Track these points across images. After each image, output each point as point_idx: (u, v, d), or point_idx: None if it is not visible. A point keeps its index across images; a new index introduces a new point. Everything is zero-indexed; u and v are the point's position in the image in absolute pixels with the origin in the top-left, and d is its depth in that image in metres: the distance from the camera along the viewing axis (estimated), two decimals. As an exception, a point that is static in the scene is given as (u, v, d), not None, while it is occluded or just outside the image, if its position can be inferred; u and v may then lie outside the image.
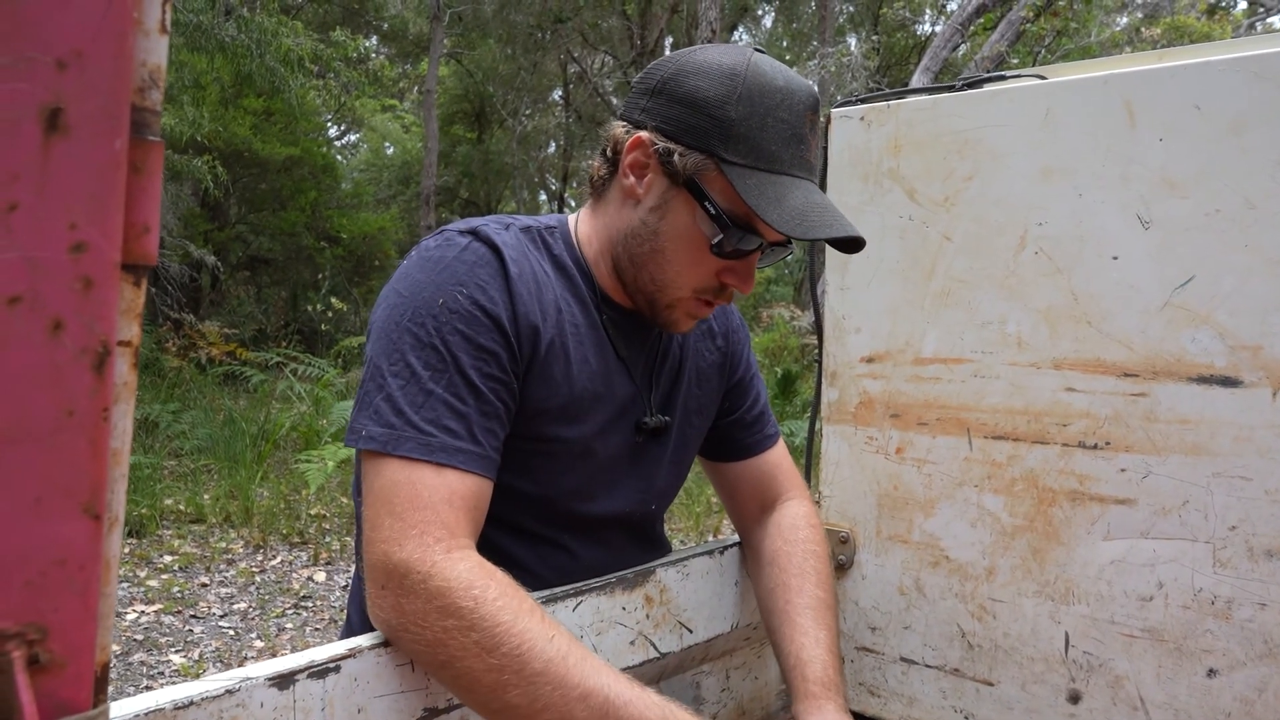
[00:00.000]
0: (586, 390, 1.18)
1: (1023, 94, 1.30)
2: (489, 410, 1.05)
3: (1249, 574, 1.16)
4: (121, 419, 0.44)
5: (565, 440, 1.17)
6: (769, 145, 1.09)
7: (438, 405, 1.02)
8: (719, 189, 1.10)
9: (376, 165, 22.29)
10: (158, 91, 0.44)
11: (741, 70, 1.10)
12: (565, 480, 1.19)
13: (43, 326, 0.40)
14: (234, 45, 10.12)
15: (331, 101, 16.26)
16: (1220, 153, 1.15)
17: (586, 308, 1.21)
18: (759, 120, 1.08)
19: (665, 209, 1.14)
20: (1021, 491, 1.32)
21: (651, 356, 1.28)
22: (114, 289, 0.42)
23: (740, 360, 1.43)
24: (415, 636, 0.92)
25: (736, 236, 1.11)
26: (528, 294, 1.12)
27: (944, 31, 9.31)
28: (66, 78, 0.40)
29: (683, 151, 1.10)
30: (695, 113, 1.10)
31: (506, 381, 1.08)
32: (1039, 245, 1.29)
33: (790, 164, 1.10)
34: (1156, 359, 1.21)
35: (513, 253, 1.13)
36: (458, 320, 1.06)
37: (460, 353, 1.04)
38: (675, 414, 1.31)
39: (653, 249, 1.16)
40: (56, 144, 0.40)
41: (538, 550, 1.21)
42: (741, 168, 1.08)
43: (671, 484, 1.35)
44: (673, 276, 1.17)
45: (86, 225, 0.41)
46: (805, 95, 1.12)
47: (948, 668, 1.40)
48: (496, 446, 1.06)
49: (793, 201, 1.07)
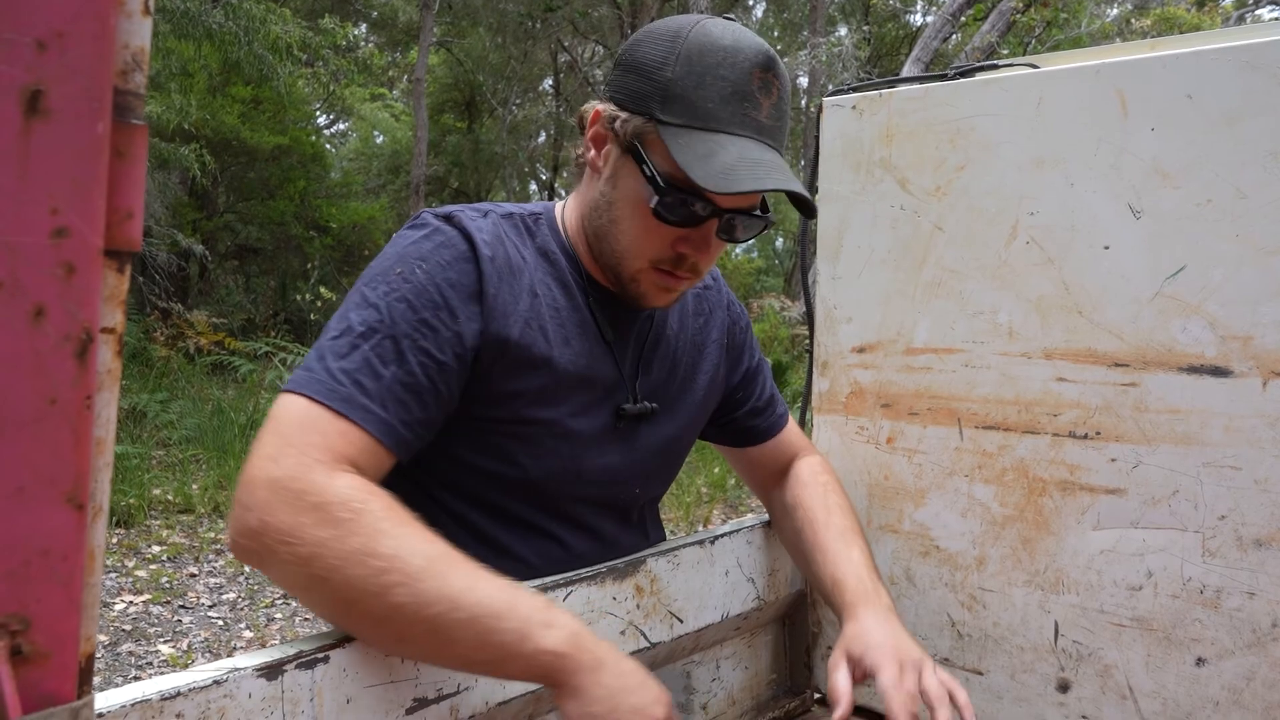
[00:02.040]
0: (568, 372, 1.17)
1: (1015, 83, 1.30)
2: (410, 384, 1.03)
3: (1238, 563, 1.16)
4: (105, 407, 0.43)
5: (544, 422, 1.16)
6: (706, 104, 1.06)
7: (358, 360, 1.01)
8: (659, 151, 1.09)
9: (366, 154, 22.18)
10: (141, 74, 0.44)
11: (686, 32, 1.09)
12: (548, 463, 1.18)
13: (24, 313, 0.39)
14: (221, 32, 10.05)
15: (320, 90, 16.17)
16: (1212, 143, 1.15)
17: (570, 291, 1.20)
18: (696, 79, 1.07)
19: (617, 178, 1.14)
20: (1012, 481, 1.33)
21: (642, 340, 1.28)
22: (96, 275, 0.41)
23: (746, 349, 1.43)
24: (287, 552, 0.87)
25: (673, 198, 1.08)
26: (499, 279, 1.11)
27: (935, 22, 9.30)
28: (47, 59, 0.39)
29: (626, 118, 1.10)
30: (639, 78, 1.10)
31: (442, 363, 1.05)
32: (1030, 235, 1.29)
33: (729, 122, 1.07)
34: (1147, 349, 1.21)
35: (486, 237, 1.12)
36: (408, 290, 1.05)
37: (400, 319, 1.04)
38: (669, 400, 1.31)
39: (610, 219, 1.16)
40: (37, 127, 0.39)
41: (529, 540, 1.21)
42: (676, 127, 1.07)
43: (662, 471, 1.35)
44: (628, 246, 1.15)
45: (68, 210, 0.40)
46: (753, 53, 1.08)
47: (938, 657, 1.40)
48: (406, 420, 1.02)
49: (724, 158, 1.04)
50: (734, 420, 1.42)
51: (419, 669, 0.98)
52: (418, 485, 1.20)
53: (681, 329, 1.33)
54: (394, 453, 1.02)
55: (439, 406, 1.07)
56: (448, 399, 1.08)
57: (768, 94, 1.10)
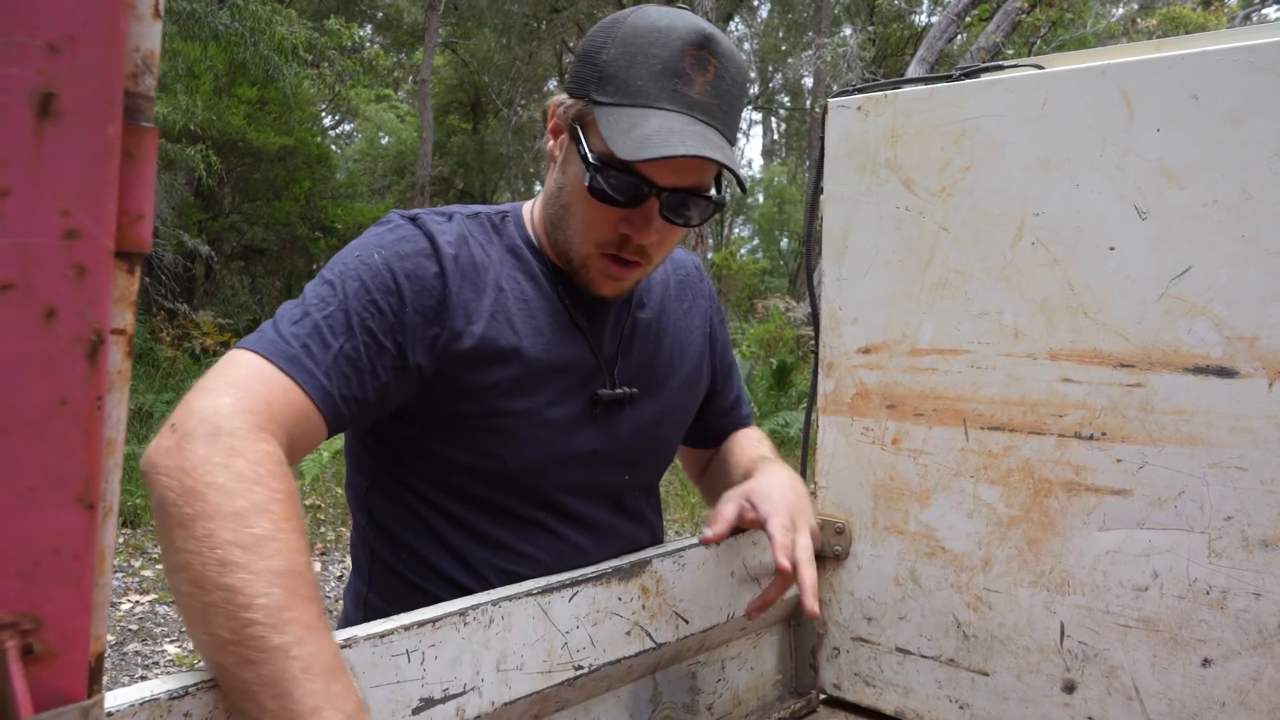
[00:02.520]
0: (540, 361, 1.17)
1: (1020, 84, 1.30)
2: (354, 358, 1.04)
3: (1244, 564, 1.16)
4: (115, 408, 0.44)
5: (519, 413, 1.16)
6: (636, 81, 1.08)
7: (309, 326, 1.03)
8: (594, 132, 1.10)
9: (371, 155, 22.21)
10: (151, 77, 0.44)
11: (625, 16, 1.11)
12: (528, 454, 1.18)
13: (36, 314, 0.40)
14: (228, 34, 10.07)
15: (326, 91, 16.19)
16: (1217, 143, 1.15)
17: (539, 283, 1.21)
18: (629, 59, 1.08)
19: (566, 164, 1.16)
20: (1017, 482, 1.32)
21: (619, 327, 1.28)
22: (107, 276, 0.42)
23: (723, 344, 1.46)
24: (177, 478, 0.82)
25: (605, 175, 1.09)
26: (461, 276, 1.13)
27: (940, 22, 9.30)
28: (58, 62, 0.39)
29: (570, 103, 1.13)
30: (582, 64, 1.13)
31: (383, 346, 1.07)
32: (1036, 236, 1.29)
33: (658, 97, 1.08)
34: (1153, 349, 1.21)
35: (449, 237, 1.14)
36: (364, 271, 1.08)
37: (352, 296, 1.06)
38: (652, 384, 1.31)
39: (560, 205, 1.17)
40: (49, 129, 0.39)
41: (521, 532, 1.21)
42: (608, 106, 1.09)
43: (650, 456, 1.34)
44: (575, 231, 1.16)
45: (79, 212, 0.40)
46: (687, 32, 1.09)
47: (943, 658, 1.40)
48: (345, 395, 1.03)
49: (644, 128, 1.05)
50: (703, 416, 1.45)
51: (425, 669, 0.98)
52: (410, 488, 1.21)
53: (664, 311, 1.34)
54: (328, 422, 1.02)
55: (375, 391, 1.07)
56: (385, 384, 1.08)
57: (702, 71, 1.10)
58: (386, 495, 1.25)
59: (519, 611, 1.08)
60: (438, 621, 0.99)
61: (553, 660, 1.12)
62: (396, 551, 1.24)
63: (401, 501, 1.23)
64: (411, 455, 1.19)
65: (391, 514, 1.24)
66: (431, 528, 1.21)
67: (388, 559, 1.25)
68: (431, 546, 1.21)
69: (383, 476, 1.25)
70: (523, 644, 1.08)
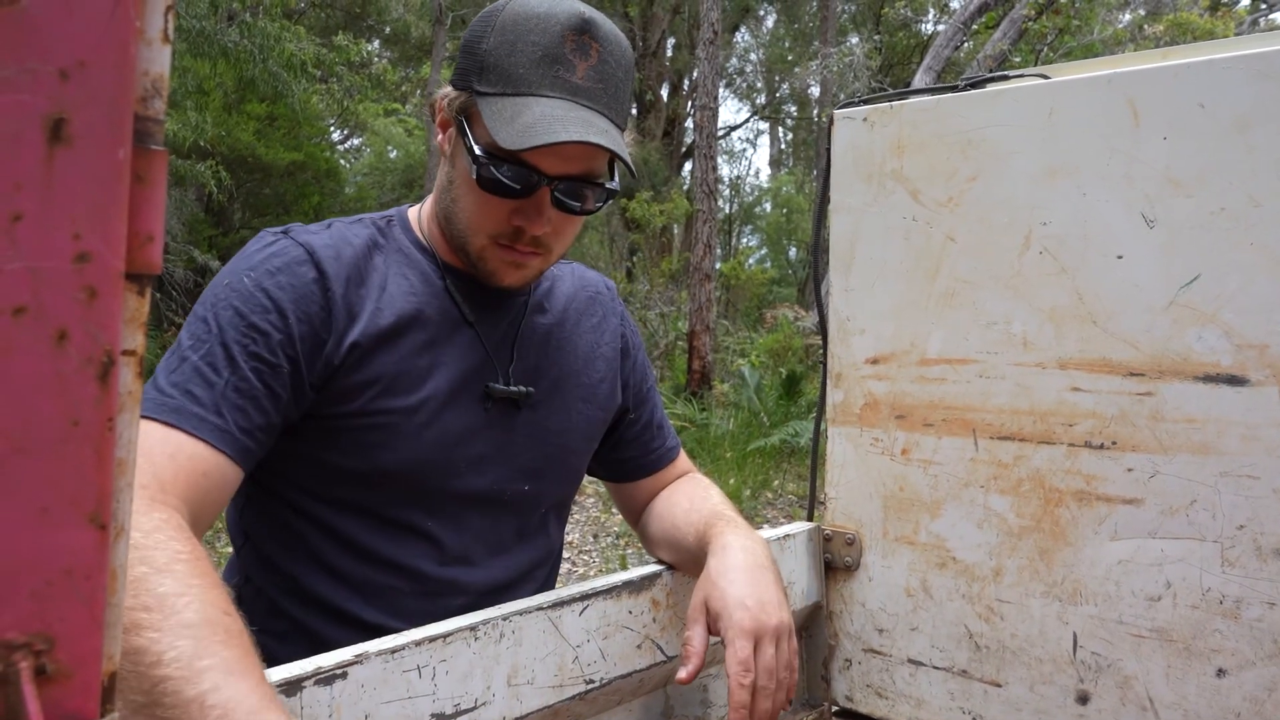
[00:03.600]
0: (422, 358, 1.14)
1: (1026, 93, 1.30)
2: (244, 388, 1.01)
3: (1257, 573, 1.15)
4: (126, 428, 0.44)
5: (400, 410, 1.12)
6: (517, 69, 1.07)
7: (188, 371, 0.99)
8: (478, 123, 1.09)
9: (380, 169, 22.29)
10: (161, 100, 0.44)
11: (505, 4, 1.10)
12: (410, 453, 1.14)
13: (47, 337, 0.40)
14: (237, 50, 10.14)
15: (334, 106, 16.27)
16: (1225, 151, 1.15)
17: (427, 279, 1.18)
18: (508, 47, 1.07)
19: (454, 156, 1.15)
20: (1028, 492, 1.32)
21: (513, 327, 1.24)
22: (118, 298, 0.42)
23: (637, 368, 1.41)
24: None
25: (492, 166, 1.08)
26: (344, 280, 1.10)
27: (946, 31, 9.30)
28: (69, 88, 0.40)
29: (453, 95, 1.12)
30: (464, 55, 1.12)
31: (275, 365, 1.04)
32: (1043, 245, 1.29)
33: (540, 85, 1.07)
34: (1162, 358, 1.20)
35: (324, 241, 1.12)
36: (235, 298, 1.05)
37: (228, 327, 1.03)
38: (550, 390, 1.26)
39: (451, 199, 1.16)
40: (60, 154, 0.40)
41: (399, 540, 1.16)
42: (490, 96, 1.08)
43: (554, 468, 1.28)
44: (468, 223, 1.14)
45: (90, 235, 0.41)
46: (566, 17, 1.08)
47: (955, 669, 1.40)
48: (246, 427, 1.00)
49: (526, 117, 1.04)
50: (621, 442, 1.40)
51: (436, 684, 0.98)
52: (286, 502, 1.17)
53: (566, 322, 1.31)
54: (237, 461, 1.00)
55: (277, 411, 1.05)
56: (286, 403, 1.06)
57: (584, 56, 1.09)
58: (261, 514, 1.20)
59: (530, 625, 1.08)
60: (449, 637, 1.00)
61: (564, 674, 1.12)
62: (268, 574, 1.19)
63: (276, 519, 1.18)
64: (287, 464, 1.14)
65: (266, 534, 1.20)
66: (306, 543, 1.16)
67: (259, 582, 1.20)
68: (304, 566, 1.16)
69: (257, 494, 1.20)
70: (534, 658, 1.08)
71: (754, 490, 7.16)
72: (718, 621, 1.10)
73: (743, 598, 1.10)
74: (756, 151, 57.80)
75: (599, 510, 6.66)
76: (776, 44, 23.91)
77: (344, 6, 18.07)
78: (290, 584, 1.17)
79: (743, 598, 1.10)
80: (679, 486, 1.41)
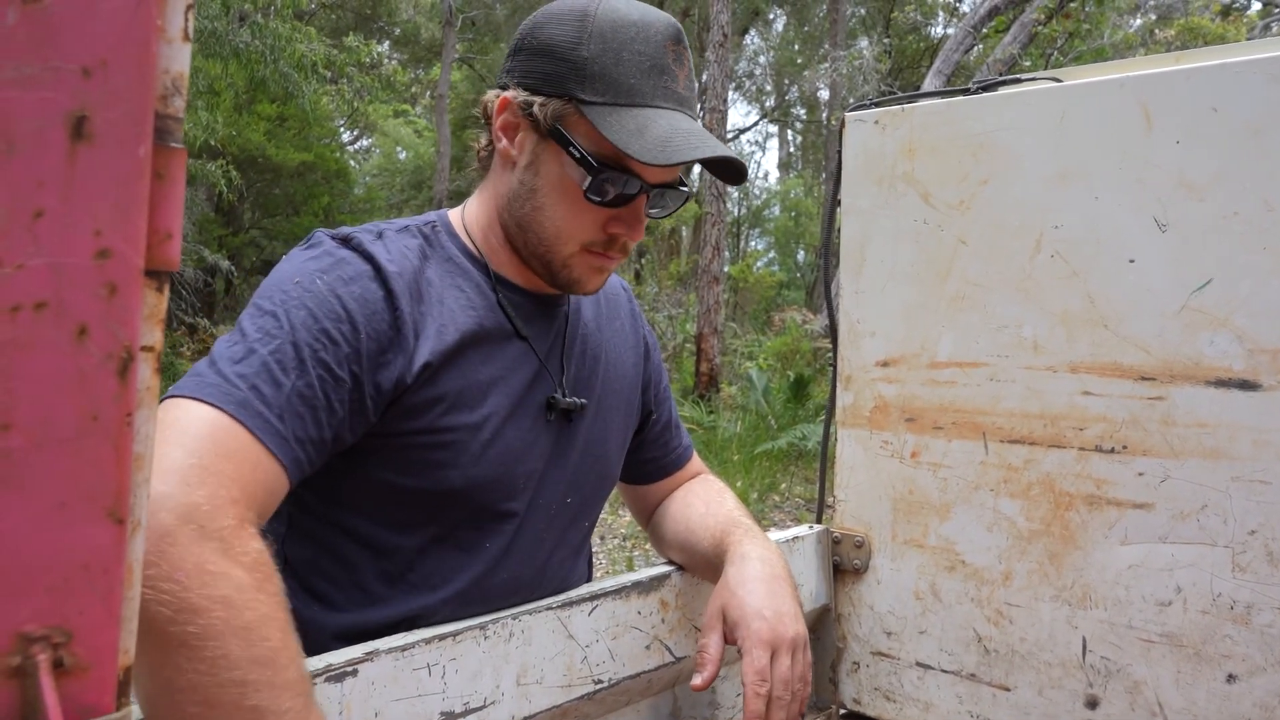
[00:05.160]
0: (482, 372, 1.11)
1: (1038, 97, 1.30)
2: (308, 395, 0.95)
3: (1269, 579, 1.15)
4: (144, 424, 0.44)
5: (465, 427, 1.09)
6: (627, 79, 1.06)
7: (256, 364, 0.92)
8: (583, 132, 1.07)
9: (389, 170, 22.37)
10: (180, 99, 0.45)
11: (593, 10, 1.08)
12: (477, 469, 1.10)
13: (68, 332, 0.40)
14: (248, 51, 10.18)
15: (344, 107, 16.32)
16: (1237, 155, 1.14)
17: (482, 291, 1.15)
18: (614, 56, 1.06)
19: (538, 164, 1.11)
20: (1038, 495, 1.32)
21: (559, 338, 1.23)
22: (137, 295, 0.42)
23: (656, 366, 1.41)
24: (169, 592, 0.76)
25: (606, 177, 1.07)
26: (409, 295, 1.06)
27: (956, 34, 9.29)
28: (91, 86, 0.40)
29: (543, 101, 1.08)
30: (551, 60, 1.08)
31: (339, 378, 0.98)
32: (1055, 248, 1.29)
33: (652, 96, 1.06)
34: (1174, 362, 1.20)
35: (388, 256, 1.07)
36: (309, 299, 0.99)
37: (300, 327, 0.96)
38: (595, 397, 1.25)
39: (534, 207, 1.12)
40: (82, 151, 0.40)
41: (453, 560, 1.12)
42: (600, 106, 1.05)
43: (591, 478, 1.26)
44: (556, 232, 1.11)
45: (111, 232, 0.41)
46: (663, 27, 1.08)
47: (964, 673, 1.40)
48: (301, 438, 0.94)
49: (656, 131, 1.03)
50: (645, 446, 1.39)
51: (445, 683, 0.98)
52: (327, 520, 1.12)
53: (599, 328, 1.30)
54: (289, 473, 0.93)
55: (331, 426, 0.98)
56: (341, 420, 0.99)
57: (681, 65, 1.10)
58: (304, 539, 1.14)
59: (539, 625, 1.09)
60: (458, 635, 1.00)
61: (572, 674, 1.12)
62: (307, 603, 1.12)
63: (322, 544, 1.13)
64: (344, 486, 1.09)
65: (308, 562, 1.13)
66: (353, 573, 1.11)
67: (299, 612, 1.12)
68: (351, 593, 1.11)
69: (301, 518, 1.14)
70: (543, 658, 1.09)
71: (761, 493, 7.15)
72: (735, 631, 1.11)
73: (760, 609, 1.11)
74: (765, 154, 57.71)
75: (606, 512, 6.67)
76: (786, 47, 23.90)
77: (354, 8, 18.13)
78: (332, 610, 1.12)
79: (760, 609, 1.11)
80: (692, 488, 1.40)
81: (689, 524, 1.31)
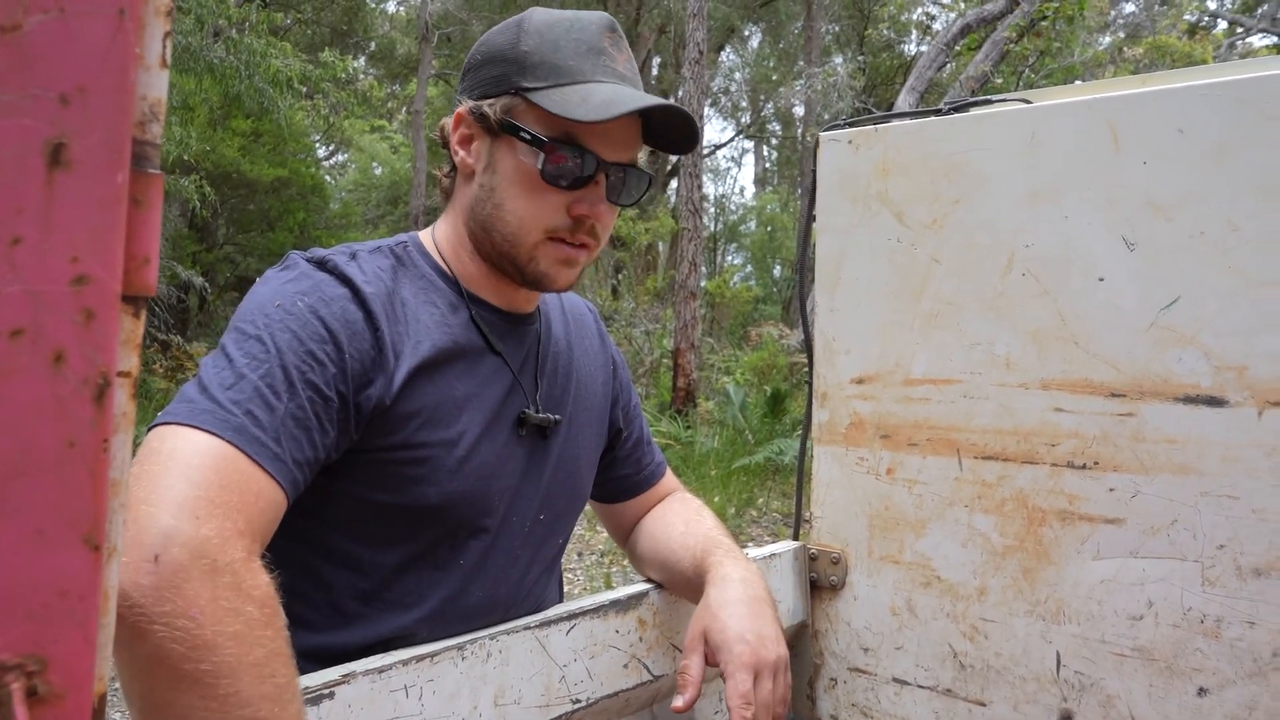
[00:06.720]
0: (457, 388, 1.12)
1: (1008, 118, 1.32)
2: (300, 417, 0.95)
3: (1238, 592, 1.16)
4: (121, 449, 0.44)
5: (440, 443, 1.09)
6: (566, 62, 1.10)
7: (248, 389, 0.92)
8: (533, 117, 1.10)
9: (365, 185, 22.28)
10: (158, 125, 0.45)
11: (528, 14, 1.14)
12: (453, 485, 1.10)
13: (45, 358, 0.40)
14: (223, 66, 10.14)
15: (320, 122, 16.27)
16: (1203, 176, 1.16)
17: (455, 308, 1.16)
18: (551, 45, 1.11)
19: (495, 162, 1.13)
20: (1011, 511, 1.33)
21: (531, 355, 1.24)
22: (114, 320, 0.42)
23: (626, 383, 1.42)
24: (184, 629, 0.75)
25: (559, 152, 1.09)
26: (386, 316, 1.06)
27: (929, 52, 9.39)
28: (70, 113, 0.40)
29: (491, 102, 1.12)
30: (494, 65, 1.13)
31: (328, 398, 0.98)
32: (1026, 267, 1.30)
33: (593, 73, 1.11)
34: (1143, 379, 1.22)
35: (364, 277, 1.08)
36: (291, 322, 0.99)
37: (286, 350, 0.96)
38: (567, 414, 1.26)
39: (494, 205, 1.13)
40: (59, 178, 0.40)
41: (428, 577, 1.12)
42: (545, 89, 1.09)
43: (564, 495, 1.27)
44: (519, 222, 1.12)
45: (88, 258, 0.41)
46: (597, 19, 1.15)
47: (940, 688, 1.40)
48: (298, 460, 0.94)
49: (599, 96, 1.07)
50: (616, 464, 1.40)
51: (423, 704, 0.98)
52: (305, 539, 1.11)
53: (569, 346, 1.31)
54: (287, 496, 0.93)
55: (324, 446, 0.99)
56: (331, 439, 1.00)
57: (619, 50, 1.15)
58: (280, 561, 1.07)
59: (516, 645, 1.08)
60: (435, 656, 1.00)
61: (550, 694, 1.12)
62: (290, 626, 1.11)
63: (299, 565, 1.10)
64: (323, 505, 1.08)
65: (284, 585, 1.08)
66: (328, 592, 1.11)
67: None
68: (327, 614, 1.11)
69: (276, 540, 1.09)
70: (520, 678, 1.08)
71: (739, 508, 7.16)
72: (718, 654, 1.11)
73: (743, 632, 1.11)
74: (741, 170, 58.08)
75: (583, 528, 6.65)
76: (761, 64, 24.07)
77: (330, 23, 18.10)
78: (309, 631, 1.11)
79: (743, 632, 1.11)
80: (671, 506, 1.41)
81: (669, 543, 1.31)
